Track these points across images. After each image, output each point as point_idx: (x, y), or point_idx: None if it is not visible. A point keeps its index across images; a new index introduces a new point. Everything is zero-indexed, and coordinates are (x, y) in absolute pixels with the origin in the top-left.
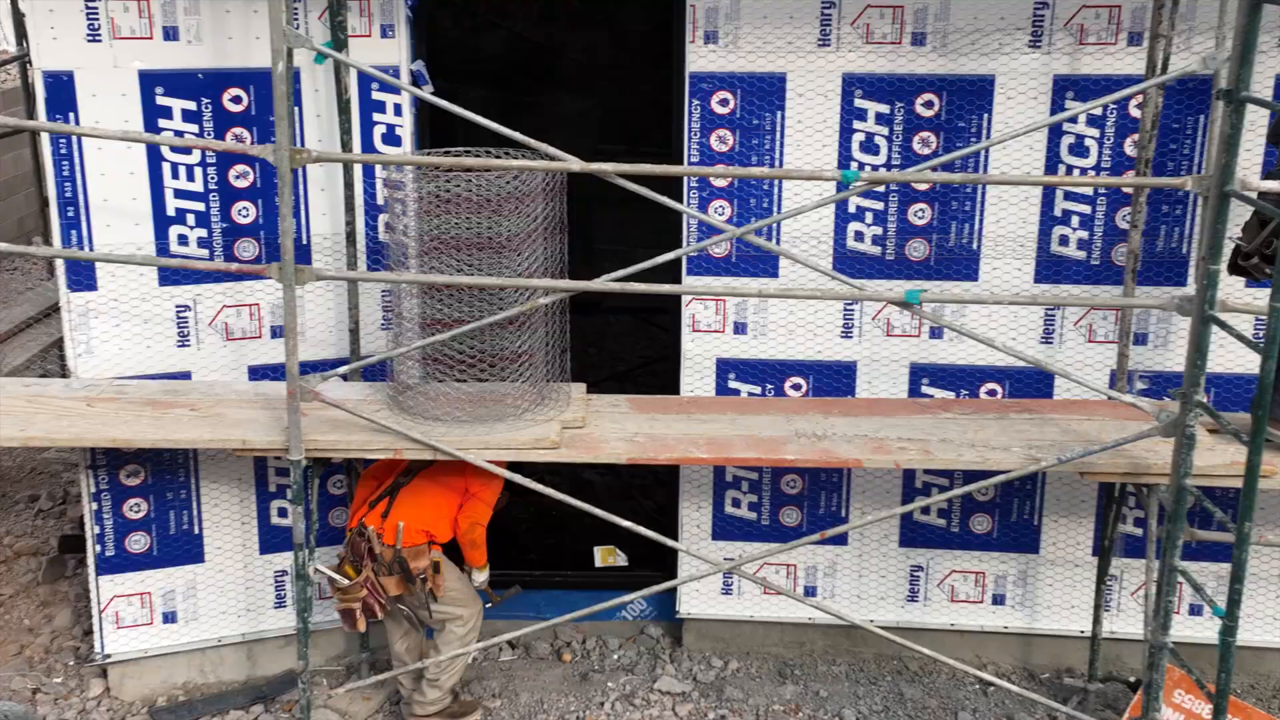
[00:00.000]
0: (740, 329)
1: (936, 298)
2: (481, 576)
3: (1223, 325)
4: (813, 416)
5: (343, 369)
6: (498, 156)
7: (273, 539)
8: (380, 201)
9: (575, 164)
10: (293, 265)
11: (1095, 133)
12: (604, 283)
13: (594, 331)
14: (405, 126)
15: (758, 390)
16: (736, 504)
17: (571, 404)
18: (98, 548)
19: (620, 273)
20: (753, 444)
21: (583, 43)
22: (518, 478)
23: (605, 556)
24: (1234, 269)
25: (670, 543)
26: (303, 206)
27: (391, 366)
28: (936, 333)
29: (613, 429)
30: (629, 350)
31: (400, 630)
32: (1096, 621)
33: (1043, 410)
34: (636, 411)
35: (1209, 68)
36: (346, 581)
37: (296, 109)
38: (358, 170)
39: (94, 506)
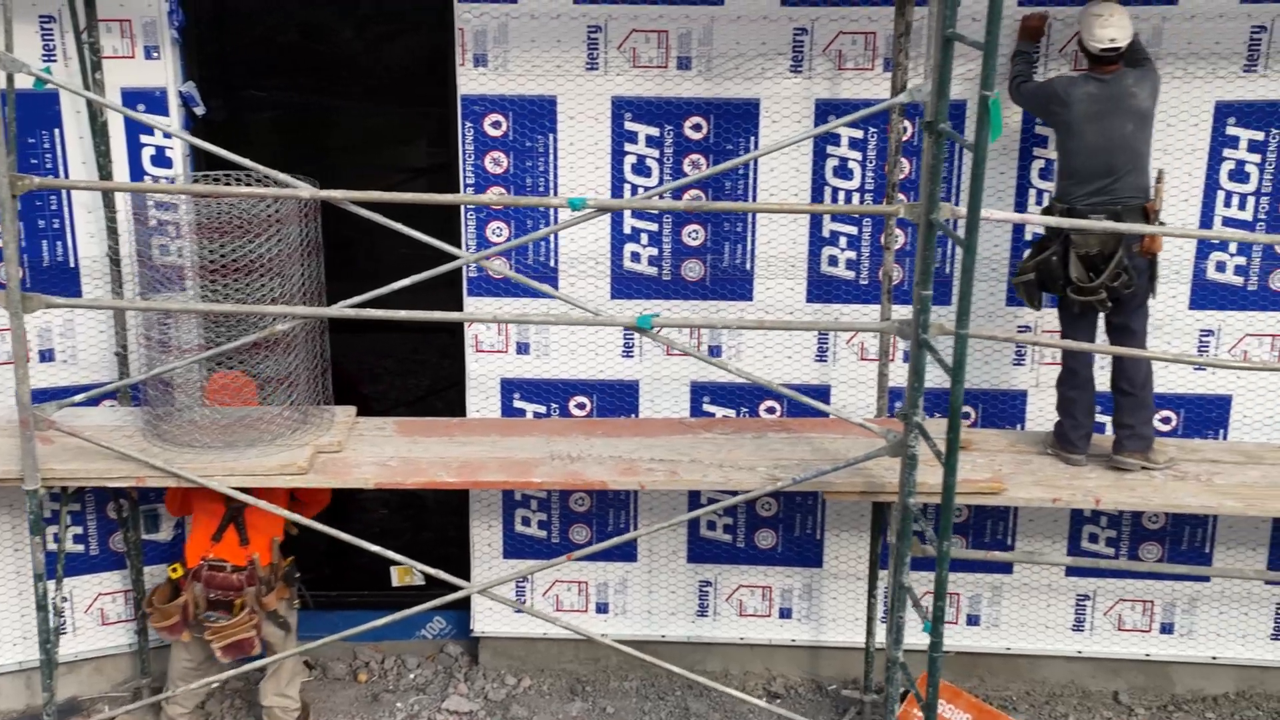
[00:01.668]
0: (523, 349)
1: (667, 322)
2: None
3: (931, 350)
4: (575, 438)
5: (78, 397)
6: (254, 182)
7: (52, 565)
8: (152, 224)
9: (305, 191)
10: (19, 293)
11: (858, 155)
12: (340, 309)
13: (408, 348)
14: (176, 148)
15: (543, 410)
16: (526, 522)
17: (334, 427)
18: None
19: (364, 296)
20: (505, 466)
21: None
22: (271, 507)
23: (402, 576)
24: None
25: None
26: (68, 229)
27: (146, 392)
28: (715, 351)
29: (369, 453)
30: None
31: (198, 655)
32: (869, 634)
33: (802, 429)
34: (400, 434)
35: (915, 98)
36: (227, 620)
37: (57, 131)
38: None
39: None
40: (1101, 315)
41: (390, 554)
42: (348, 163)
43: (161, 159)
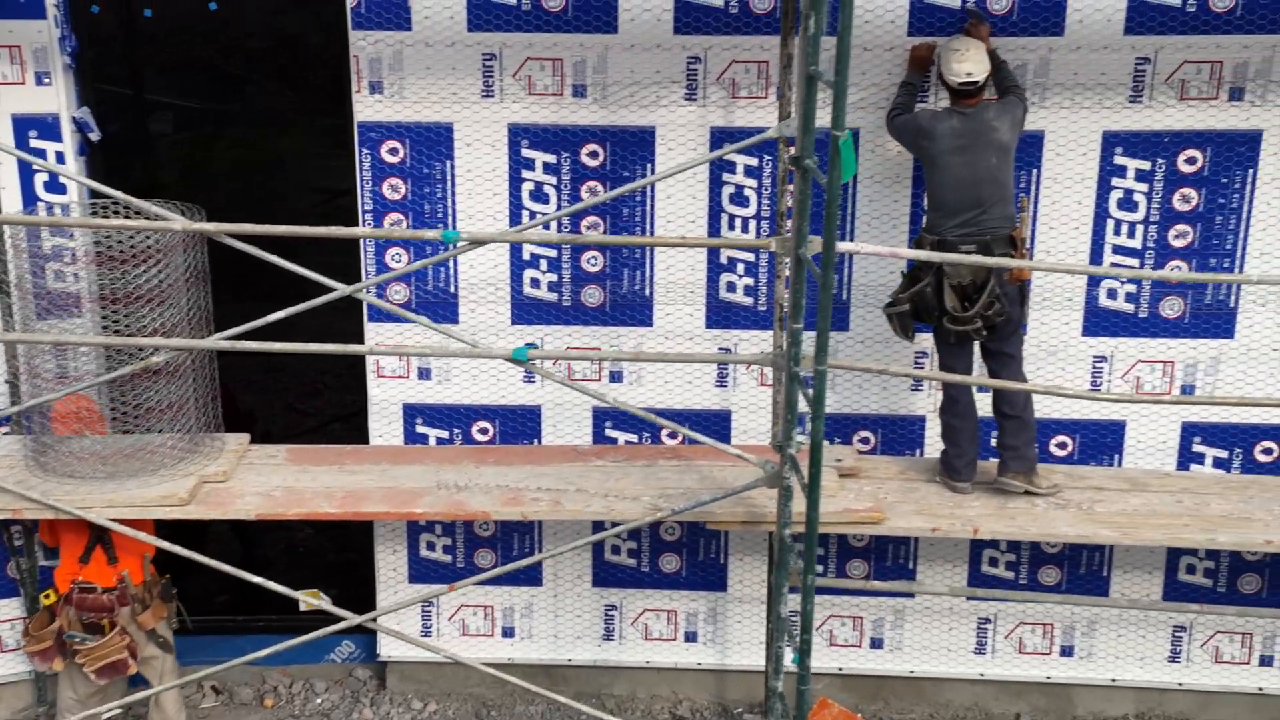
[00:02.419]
0: (425, 374)
1: (545, 354)
2: None
3: (801, 383)
4: (465, 466)
5: None
6: (135, 214)
7: None
8: (47, 250)
9: (179, 223)
10: None
11: (754, 183)
12: (215, 341)
13: (315, 372)
14: (70, 173)
15: (445, 435)
16: (431, 547)
17: (223, 456)
18: None
19: (244, 326)
20: (389, 496)
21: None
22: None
23: (310, 600)
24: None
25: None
26: None
27: (30, 423)
28: (616, 377)
29: (256, 482)
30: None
31: (82, 689)
32: (769, 659)
33: (694, 457)
34: (291, 463)
35: (783, 133)
36: (95, 641)
37: None
38: None
39: None
40: (977, 342)
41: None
42: (262, 184)
43: (55, 185)
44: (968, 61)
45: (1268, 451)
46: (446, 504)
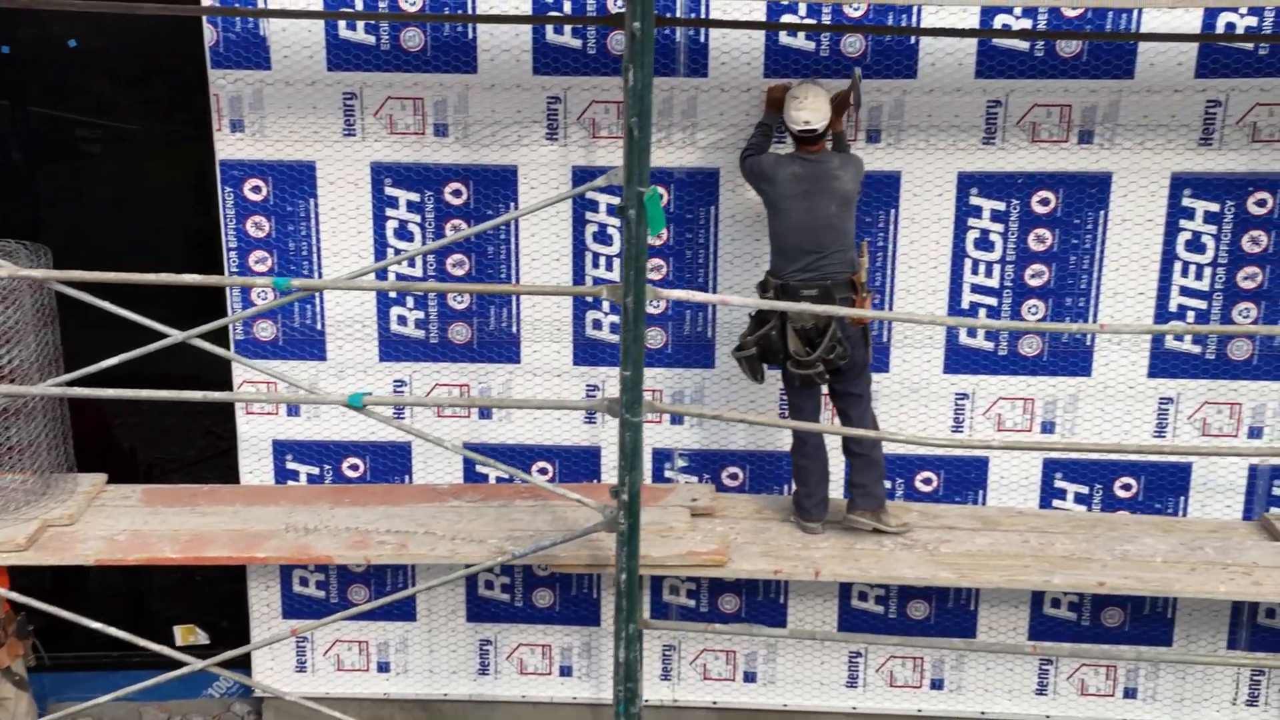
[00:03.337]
0: (294, 411)
1: (379, 400)
2: None
3: (634, 429)
4: (320, 507)
5: None
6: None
7: None
8: None
9: (5, 269)
10: None
11: (617, 222)
12: (47, 388)
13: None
14: None
15: (316, 471)
16: (305, 583)
17: (74, 497)
18: None
19: (84, 370)
20: (235, 540)
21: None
22: None
23: (185, 635)
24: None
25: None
26: None
27: None
28: (485, 414)
29: (103, 526)
30: None
31: None
32: (615, 701)
33: (551, 498)
34: (144, 504)
35: (611, 182)
36: None
37: None
38: None
39: None
40: (795, 381)
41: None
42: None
43: None
44: (805, 109)
45: (1127, 487)
46: (292, 548)
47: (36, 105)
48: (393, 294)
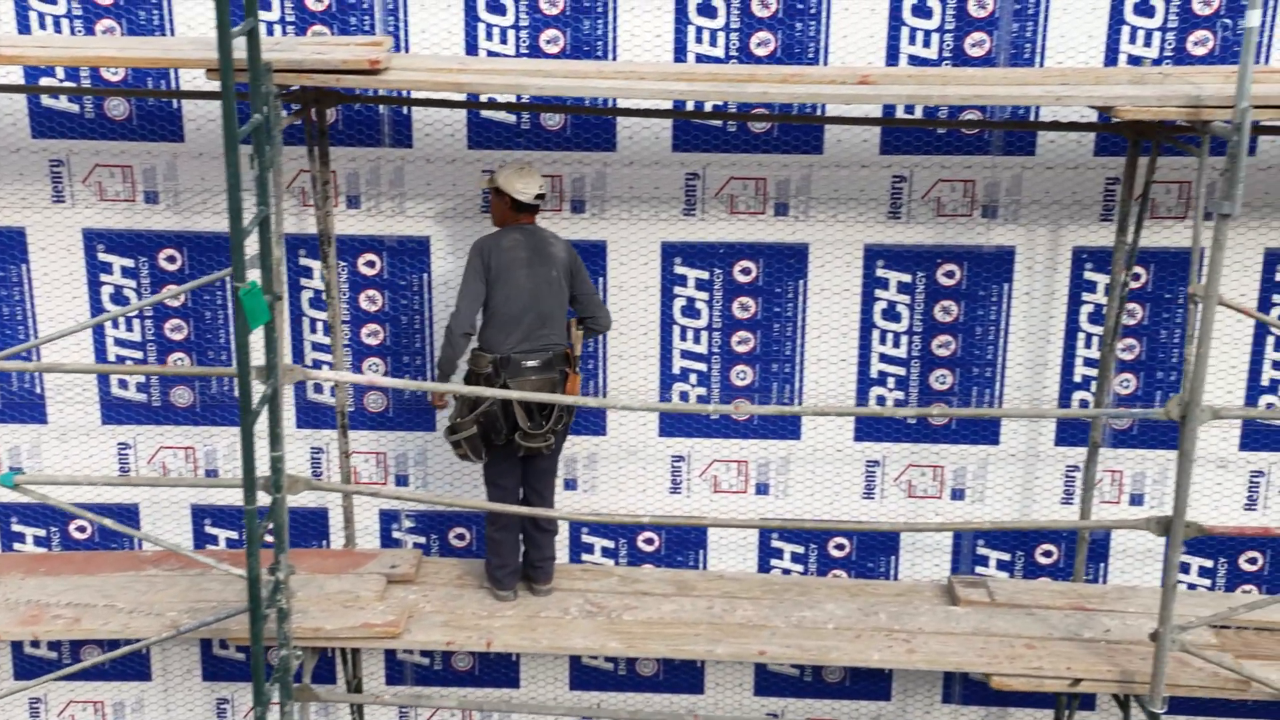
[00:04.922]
0: (17, 471)
1: (32, 479)
2: None
3: (280, 506)
4: (11, 577)
5: None
6: None
7: None
8: None
9: None
10: None
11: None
12: None
13: None
14: None
15: (43, 534)
16: (36, 644)
17: None
18: None
19: None
20: None
21: None
22: None
23: None
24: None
25: None
26: None
27: None
28: (212, 474)
29: None
30: None
31: None
32: None
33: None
34: None
35: (252, 266)
36: None
37: None
38: None
39: None
40: (519, 453)
41: None
42: None
43: None
44: (533, 183)
45: (840, 547)
46: None
47: None
48: (113, 357)
